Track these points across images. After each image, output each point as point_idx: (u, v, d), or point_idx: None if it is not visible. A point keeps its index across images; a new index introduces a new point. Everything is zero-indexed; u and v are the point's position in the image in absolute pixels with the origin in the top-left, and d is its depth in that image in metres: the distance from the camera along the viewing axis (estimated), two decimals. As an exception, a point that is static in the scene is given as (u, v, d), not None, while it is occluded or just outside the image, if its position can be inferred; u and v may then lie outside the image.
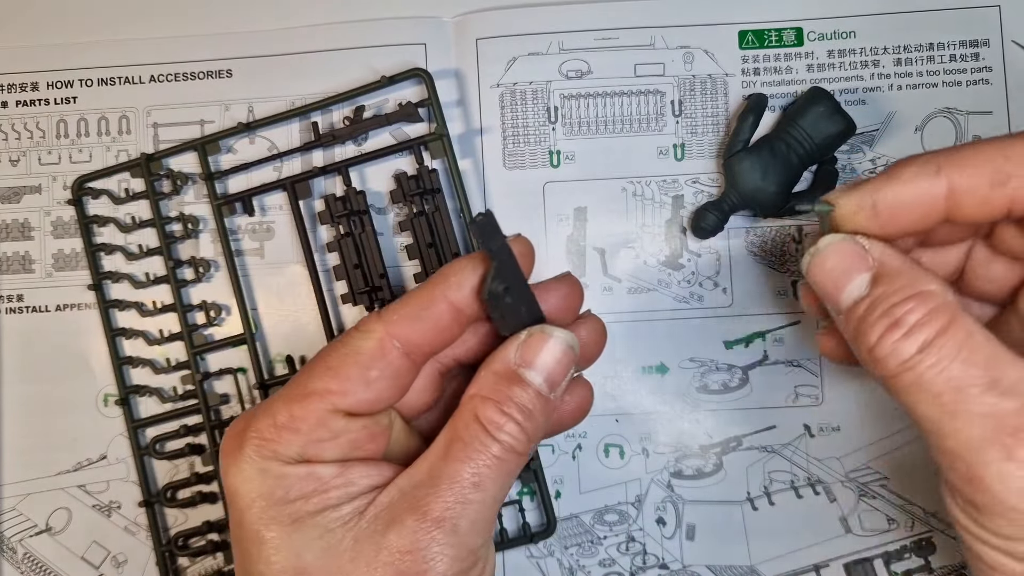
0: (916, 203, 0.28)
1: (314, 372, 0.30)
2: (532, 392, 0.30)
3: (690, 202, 0.42)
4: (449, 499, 0.28)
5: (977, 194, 0.27)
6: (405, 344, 0.30)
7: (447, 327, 0.30)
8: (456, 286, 0.30)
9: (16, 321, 0.44)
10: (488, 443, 0.29)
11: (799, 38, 0.43)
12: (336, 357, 0.30)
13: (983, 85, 0.42)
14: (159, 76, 0.44)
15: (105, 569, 0.43)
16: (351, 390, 0.29)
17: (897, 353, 0.27)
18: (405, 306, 0.30)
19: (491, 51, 0.43)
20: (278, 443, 0.29)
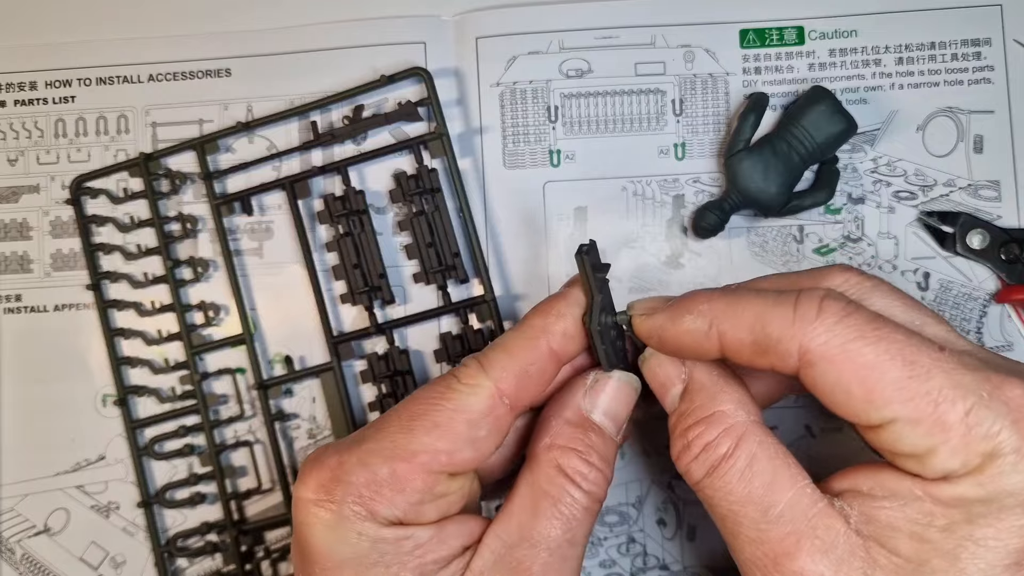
0: (692, 348, 0.29)
1: (418, 428, 0.29)
2: (607, 438, 0.30)
3: (691, 202, 0.42)
4: (548, 559, 0.28)
5: (742, 355, 0.28)
6: (512, 401, 0.29)
7: (551, 379, 0.30)
8: (560, 335, 0.30)
9: (14, 321, 0.44)
10: (577, 495, 0.29)
11: (800, 37, 0.43)
12: (443, 414, 0.29)
13: (985, 84, 0.42)
14: (158, 75, 0.44)
15: (104, 570, 0.43)
16: (459, 450, 0.29)
17: (690, 474, 0.29)
18: (511, 359, 0.30)
19: (491, 50, 0.43)
20: (378, 503, 0.28)
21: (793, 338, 0.27)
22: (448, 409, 0.29)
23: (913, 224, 0.42)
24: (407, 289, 0.43)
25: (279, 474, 0.42)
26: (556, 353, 0.30)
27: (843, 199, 0.42)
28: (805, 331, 0.27)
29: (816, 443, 0.41)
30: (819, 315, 0.27)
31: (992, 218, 0.41)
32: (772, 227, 0.42)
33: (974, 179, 0.42)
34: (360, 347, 0.42)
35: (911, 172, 0.42)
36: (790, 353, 0.27)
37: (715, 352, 0.29)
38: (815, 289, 0.28)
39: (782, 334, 0.27)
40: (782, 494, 0.27)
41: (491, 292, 0.41)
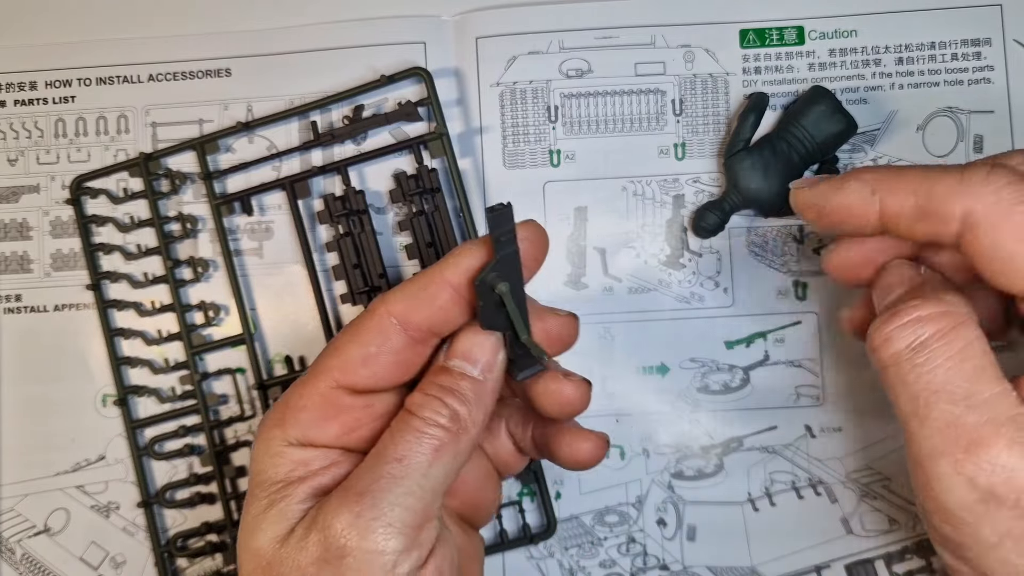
0: (853, 214, 0.30)
1: (322, 354, 0.31)
2: (458, 375, 0.31)
3: (691, 201, 0.42)
4: (370, 474, 0.29)
5: (902, 221, 0.29)
6: (403, 322, 0.31)
7: (444, 307, 0.31)
8: (454, 266, 0.30)
9: (14, 321, 0.44)
10: (410, 420, 0.30)
11: (800, 37, 0.43)
12: (341, 337, 0.31)
13: (985, 84, 0.42)
14: (158, 75, 0.44)
15: (104, 570, 0.43)
16: (350, 365, 0.30)
17: (891, 342, 0.28)
18: (406, 286, 0.31)
19: (491, 50, 0.43)
20: (285, 423, 0.30)
21: (958, 199, 0.27)
22: (347, 335, 0.31)
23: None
24: (407, 289, 0.43)
25: (279, 474, 0.42)
26: (450, 283, 0.30)
27: (843, 199, 0.42)
28: (971, 191, 0.27)
29: (816, 443, 0.41)
30: (987, 179, 0.27)
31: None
32: (772, 227, 0.42)
33: (974, 179, 0.42)
34: (360, 347, 0.42)
35: (911, 172, 0.42)
36: (952, 215, 0.27)
37: (875, 219, 0.29)
38: (985, 159, 0.28)
39: (947, 195, 0.27)
40: (989, 385, 0.27)
41: (491, 292, 0.41)
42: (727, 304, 0.42)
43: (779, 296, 0.42)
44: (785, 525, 0.41)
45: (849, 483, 0.41)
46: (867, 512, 0.41)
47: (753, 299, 0.42)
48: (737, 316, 0.42)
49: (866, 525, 0.41)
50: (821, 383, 0.42)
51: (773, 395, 0.42)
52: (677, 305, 0.42)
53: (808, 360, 0.42)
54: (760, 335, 0.42)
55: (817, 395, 0.41)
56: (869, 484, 0.41)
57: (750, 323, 0.42)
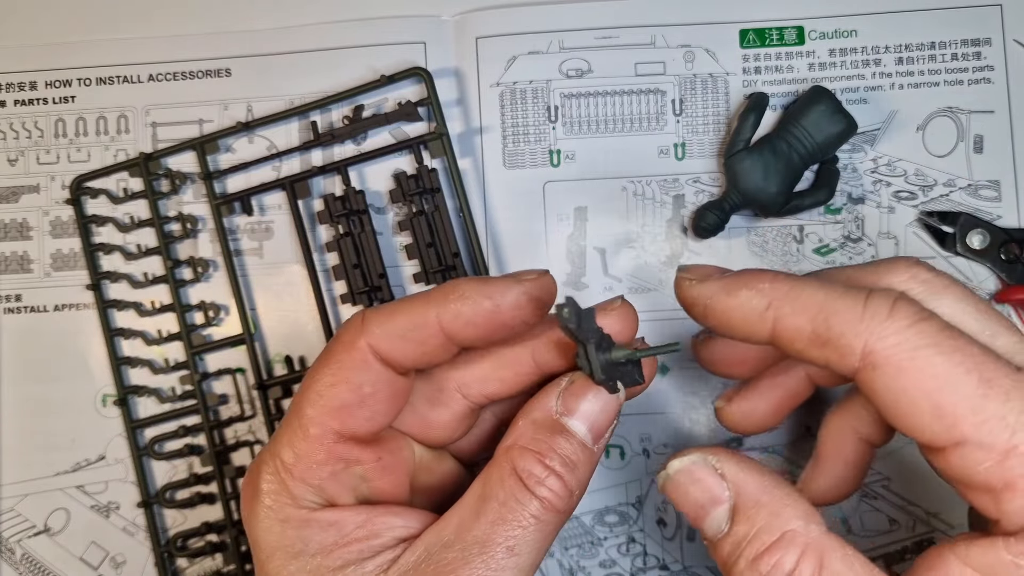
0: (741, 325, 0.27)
1: (307, 399, 0.28)
2: (576, 443, 0.27)
3: (691, 201, 0.42)
4: (479, 568, 0.26)
5: (796, 344, 0.26)
6: (388, 361, 0.28)
7: (433, 352, 0.28)
8: (454, 314, 0.28)
9: (14, 321, 0.44)
10: (526, 501, 0.26)
11: (800, 37, 0.43)
12: (324, 377, 0.28)
13: (985, 84, 0.42)
14: (157, 75, 0.44)
15: (104, 570, 0.43)
16: (346, 411, 0.28)
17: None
18: (391, 320, 0.28)
19: (491, 50, 0.43)
20: (290, 486, 0.27)
21: (859, 335, 0.24)
22: (328, 372, 0.28)
23: (913, 224, 0.42)
24: (407, 289, 0.43)
25: (279, 474, 0.42)
26: (444, 328, 0.28)
27: (843, 199, 0.42)
28: (873, 329, 0.24)
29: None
30: (891, 315, 0.24)
31: (992, 218, 0.41)
32: (772, 227, 0.42)
33: (974, 179, 0.42)
34: (360, 347, 0.42)
35: (911, 172, 0.42)
36: (852, 351, 0.25)
37: (764, 336, 0.26)
38: (889, 290, 0.25)
39: (847, 328, 0.25)
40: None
41: (491, 292, 0.41)
42: (727, 304, 0.42)
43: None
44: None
45: (849, 483, 0.41)
46: (867, 512, 0.41)
47: (753, 299, 0.42)
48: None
49: (866, 525, 0.41)
50: (821, 383, 0.42)
51: (773, 395, 0.41)
52: (677, 305, 0.42)
53: (808, 360, 0.42)
54: (760, 335, 0.42)
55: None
56: (869, 484, 0.41)
57: (750, 323, 0.42)
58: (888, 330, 0.24)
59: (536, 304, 0.28)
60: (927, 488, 0.41)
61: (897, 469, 0.41)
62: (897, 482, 0.41)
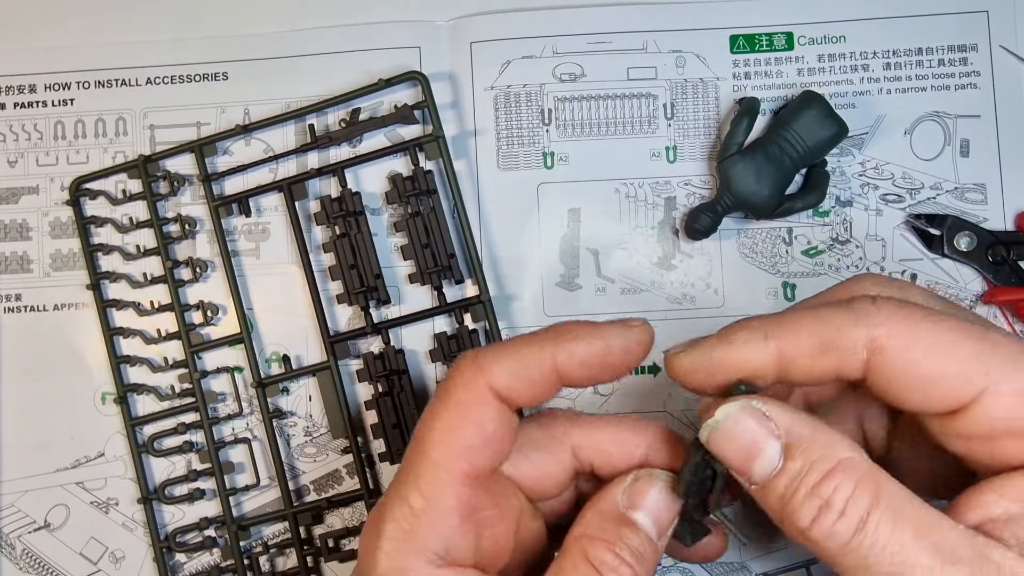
0: (749, 364, 0.27)
1: (431, 442, 0.28)
2: (643, 536, 0.28)
3: (682, 204, 0.43)
4: None
5: (803, 362, 0.27)
6: (505, 400, 0.28)
7: (548, 391, 0.29)
8: (568, 353, 0.28)
9: (14, 320, 0.44)
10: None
11: (790, 42, 0.43)
12: (448, 418, 0.28)
13: (971, 89, 0.42)
14: (156, 79, 0.44)
15: (103, 565, 0.43)
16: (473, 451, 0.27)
17: (836, 536, 0.25)
18: (508, 358, 0.28)
19: (485, 54, 0.43)
20: (418, 534, 0.27)
21: (857, 330, 0.26)
22: (450, 415, 0.28)
23: (900, 226, 0.42)
24: (402, 289, 0.43)
25: (277, 471, 0.42)
26: (559, 369, 0.28)
27: (831, 202, 0.42)
28: (868, 321, 0.26)
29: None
30: (877, 307, 0.26)
31: (978, 220, 0.42)
32: (762, 229, 0.43)
33: (961, 182, 0.42)
34: (356, 346, 0.43)
35: (898, 175, 0.42)
36: (856, 344, 0.26)
37: (772, 366, 0.27)
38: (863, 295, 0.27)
39: (844, 330, 0.26)
40: (942, 532, 0.25)
41: (486, 293, 0.42)
42: (718, 305, 0.43)
43: (769, 297, 0.42)
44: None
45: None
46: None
47: (743, 300, 0.43)
48: (728, 317, 0.42)
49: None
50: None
51: (762, 395, 0.42)
52: (669, 306, 0.43)
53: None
54: (749, 336, 0.42)
55: (805, 395, 0.42)
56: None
57: (739, 324, 0.42)
58: (880, 318, 0.26)
59: (642, 349, 0.29)
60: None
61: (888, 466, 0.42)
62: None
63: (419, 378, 0.43)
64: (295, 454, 0.43)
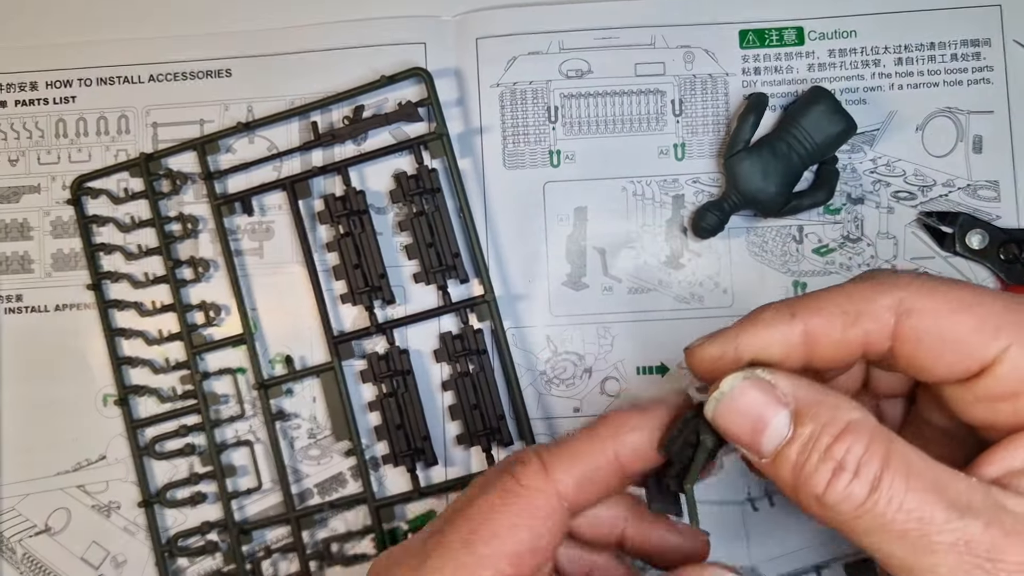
0: (775, 346, 0.27)
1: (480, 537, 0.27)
2: None
3: (690, 202, 0.42)
4: None
5: (831, 336, 0.27)
6: (571, 505, 0.28)
7: (613, 489, 0.29)
8: (630, 447, 0.28)
9: (15, 321, 0.44)
10: None
11: (800, 37, 0.43)
12: (504, 521, 0.27)
13: (984, 84, 0.42)
14: (158, 76, 0.44)
15: (104, 569, 0.43)
16: (522, 559, 0.27)
17: (852, 498, 0.25)
18: (575, 462, 0.28)
19: (491, 50, 0.43)
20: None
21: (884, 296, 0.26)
22: (510, 515, 0.27)
23: (912, 224, 0.42)
24: (407, 289, 0.43)
25: (279, 473, 0.42)
26: (622, 464, 0.28)
27: (842, 199, 0.42)
28: (895, 285, 0.27)
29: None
30: (899, 276, 0.27)
31: (991, 218, 0.41)
32: (771, 227, 0.42)
33: (973, 179, 0.42)
34: (360, 347, 0.43)
35: (910, 172, 0.42)
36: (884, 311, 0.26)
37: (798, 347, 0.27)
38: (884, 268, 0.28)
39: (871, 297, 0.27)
40: (954, 484, 0.25)
41: (491, 292, 0.41)
42: (727, 304, 0.42)
43: (779, 296, 0.42)
44: (784, 524, 0.41)
45: (848, 483, 0.41)
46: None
47: (753, 299, 0.42)
48: (737, 316, 0.41)
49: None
50: (820, 383, 0.42)
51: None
52: (677, 305, 0.42)
53: (807, 360, 0.42)
54: (759, 335, 0.42)
55: (816, 395, 0.41)
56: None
57: (749, 323, 0.42)
58: (905, 282, 0.27)
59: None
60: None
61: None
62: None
63: (424, 378, 0.42)
64: (299, 456, 0.43)
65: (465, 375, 0.41)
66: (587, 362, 0.42)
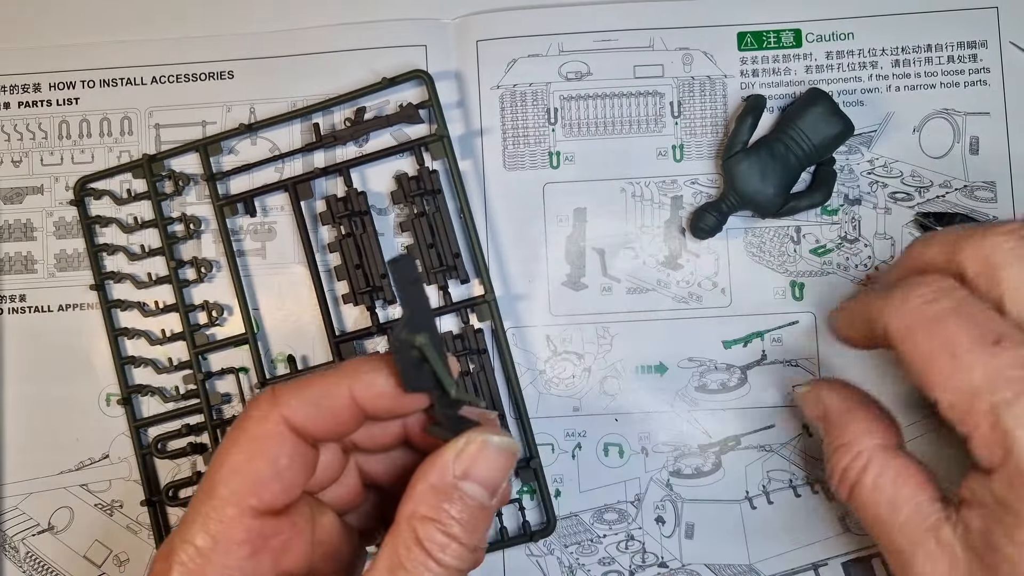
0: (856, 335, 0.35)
1: (219, 478, 0.28)
2: (474, 505, 0.28)
3: (689, 203, 0.43)
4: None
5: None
6: (301, 433, 0.28)
7: (344, 421, 0.29)
8: (366, 384, 0.29)
9: (19, 321, 0.44)
10: (436, 570, 0.27)
11: (798, 39, 0.43)
12: (237, 454, 0.28)
13: (981, 86, 0.42)
14: (161, 77, 0.44)
15: (107, 568, 0.43)
16: (264, 487, 0.28)
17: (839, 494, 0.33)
18: (303, 391, 0.29)
19: (491, 53, 0.43)
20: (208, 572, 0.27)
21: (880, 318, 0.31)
22: (242, 449, 0.28)
23: (909, 225, 0.42)
24: (408, 289, 0.43)
25: (281, 472, 0.42)
26: (358, 400, 0.29)
27: (840, 200, 0.42)
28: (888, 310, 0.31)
29: (813, 441, 0.42)
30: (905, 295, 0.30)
31: (988, 219, 0.42)
32: (769, 228, 0.42)
33: (970, 180, 0.42)
34: (362, 346, 0.43)
35: (907, 173, 0.42)
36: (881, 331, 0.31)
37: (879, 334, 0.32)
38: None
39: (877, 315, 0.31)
40: (902, 510, 0.30)
41: (491, 292, 0.42)
42: (725, 304, 0.42)
43: (776, 296, 0.42)
44: (782, 523, 0.41)
45: (846, 481, 0.41)
46: (864, 510, 0.41)
47: (750, 299, 0.42)
48: (735, 316, 0.42)
49: (863, 523, 0.41)
50: (818, 382, 0.42)
51: (770, 394, 0.42)
52: (675, 305, 0.43)
53: (805, 360, 0.42)
54: (757, 335, 0.42)
55: (814, 394, 0.42)
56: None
57: (747, 323, 0.42)
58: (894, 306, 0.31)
59: None
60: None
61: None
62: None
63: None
64: (300, 455, 0.43)
65: (466, 374, 0.42)
66: (586, 362, 0.42)
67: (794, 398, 0.36)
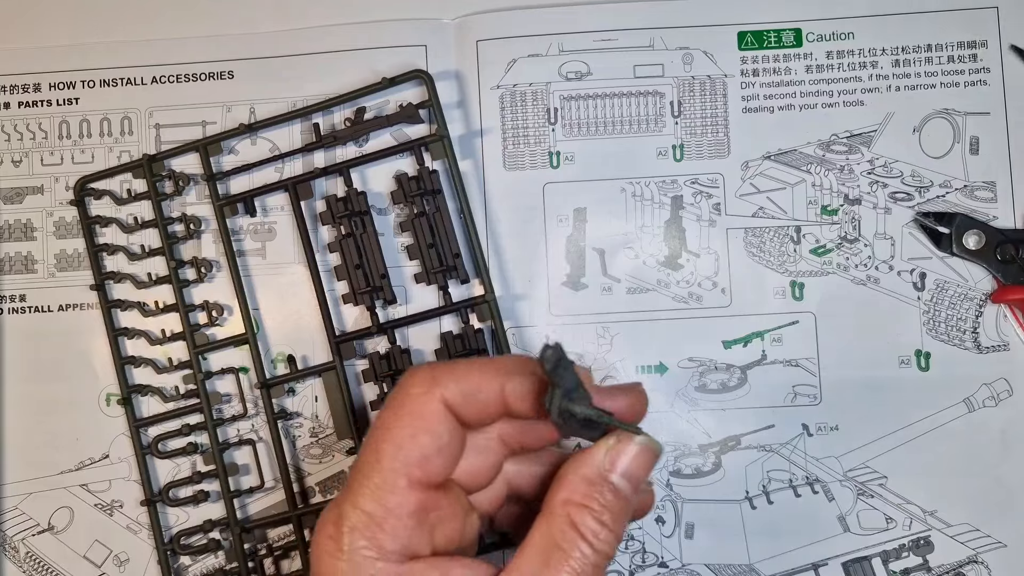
0: None
1: (386, 452, 0.29)
2: (622, 497, 0.30)
3: (689, 202, 0.43)
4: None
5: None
6: (457, 416, 0.30)
7: (491, 414, 0.31)
8: (517, 385, 0.30)
9: (19, 321, 0.44)
10: (588, 552, 0.29)
11: (798, 39, 0.43)
12: (403, 429, 0.30)
13: (981, 86, 0.42)
14: (161, 77, 0.44)
15: (107, 568, 0.43)
16: (428, 460, 0.29)
17: None
18: (463, 380, 0.30)
19: (491, 53, 0.43)
20: (381, 540, 0.29)
21: None
22: (406, 426, 0.30)
23: (909, 225, 0.42)
24: (408, 289, 0.43)
25: (281, 472, 0.42)
26: (506, 398, 0.30)
27: (840, 200, 0.42)
28: None
29: (813, 441, 0.42)
30: None
31: (988, 219, 0.42)
32: (769, 228, 0.42)
33: (970, 180, 0.42)
34: (362, 346, 0.43)
35: (907, 173, 0.42)
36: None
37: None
38: None
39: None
40: None
41: (491, 292, 0.42)
42: (725, 304, 0.42)
43: (776, 296, 0.42)
44: (782, 523, 0.41)
45: (846, 481, 0.41)
46: (864, 510, 0.41)
47: (750, 299, 0.42)
48: (735, 316, 0.42)
49: (863, 523, 0.41)
50: (818, 382, 0.42)
51: (770, 394, 0.42)
52: (675, 305, 0.43)
53: (805, 359, 0.42)
54: (757, 335, 0.42)
55: (814, 394, 0.42)
56: (866, 482, 0.41)
57: (748, 323, 0.42)
58: None
59: None
60: (924, 486, 0.41)
61: (894, 467, 0.41)
62: (893, 480, 0.41)
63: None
64: (300, 455, 0.43)
65: (465, 375, 0.42)
66: (586, 362, 0.42)
67: None
